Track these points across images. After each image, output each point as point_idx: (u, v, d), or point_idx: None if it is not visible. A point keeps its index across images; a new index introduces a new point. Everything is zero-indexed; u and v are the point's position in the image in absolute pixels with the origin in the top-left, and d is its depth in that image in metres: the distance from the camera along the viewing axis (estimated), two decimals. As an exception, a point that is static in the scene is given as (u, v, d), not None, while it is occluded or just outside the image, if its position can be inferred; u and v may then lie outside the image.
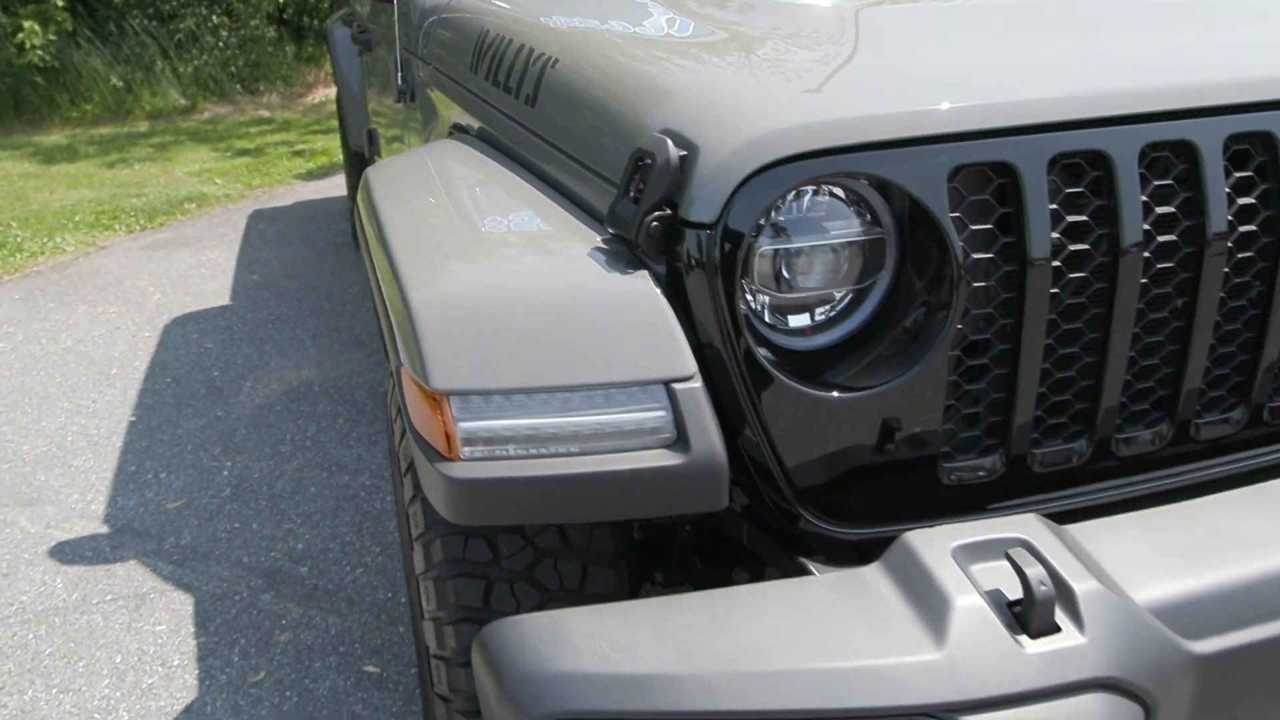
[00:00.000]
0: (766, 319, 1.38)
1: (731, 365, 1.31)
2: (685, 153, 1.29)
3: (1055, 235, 1.35)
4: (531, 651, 1.19)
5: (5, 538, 3.09)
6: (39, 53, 8.33)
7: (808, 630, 1.21)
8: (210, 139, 8.77)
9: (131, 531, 3.10)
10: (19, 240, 5.83)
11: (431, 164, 1.79)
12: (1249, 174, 1.43)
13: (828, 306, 1.41)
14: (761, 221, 1.29)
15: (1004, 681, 1.17)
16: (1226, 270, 1.45)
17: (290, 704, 2.39)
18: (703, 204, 1.26)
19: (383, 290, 1.45)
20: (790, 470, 1.38)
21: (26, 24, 8.17)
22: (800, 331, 1.40)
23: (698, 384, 1.25)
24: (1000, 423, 1.43)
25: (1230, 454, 1.57)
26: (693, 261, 1.27)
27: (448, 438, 1.22)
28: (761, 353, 1.31)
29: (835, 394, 1.34)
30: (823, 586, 1.29)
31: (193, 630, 2.65)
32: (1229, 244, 1.42)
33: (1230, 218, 1.42)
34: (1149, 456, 1.52)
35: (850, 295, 1.40)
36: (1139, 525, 1.38)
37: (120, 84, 8.53)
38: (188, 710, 2.38)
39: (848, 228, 1.34)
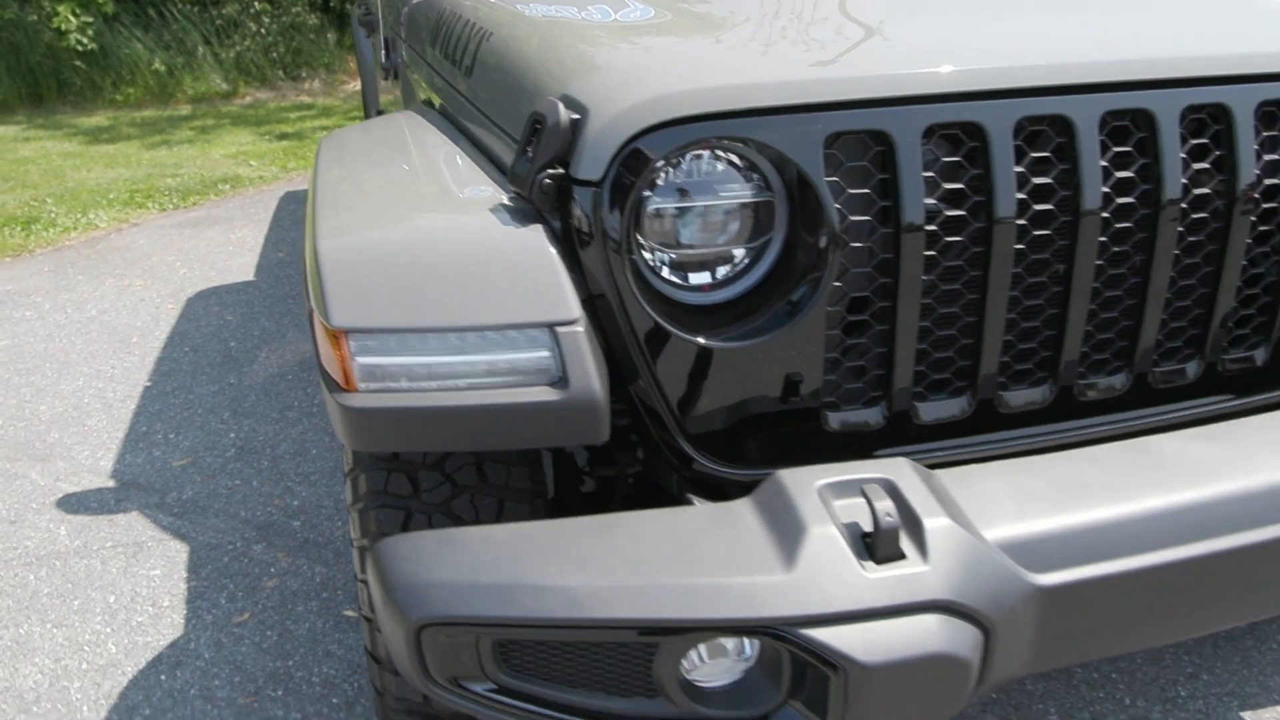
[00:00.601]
0: (666, 274, 1.49)
1: (620, 315, 1.42)
2: (578, 116, 1.41)
3: (931, 201, 1.45)
4: (414, 562, 1.32)
5: (16, 489, 3.29)
6: (76, 36, 8.67)
7: (673, 551, 1.33)
8: (251, 123, 9.04)
9: (136, 486, 3.29)
10: (53, 216, 6.10)
11: (377, 132, 1.93)
12: (1126, 149, 1.51)
13: (728, 265, 1.52)
14: (648, 181, 1.40)
15: (845, 600, 1.27)
16: (1104, 239, 1.53)
17: (270, 642, 2.55)
18: (590, 163, 1.37)
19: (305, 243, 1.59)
20: (680, 415, 1.49)
21: (61, 8, 8.49)
22: (699, 288, 1.51)
23: (580, 328, 1.37)
24: (884, 377, 1.53)
25: (1112, 413, 1.66)
26: (582, 217, 1.39)
27: (346, 372, 1.36)
28: (647, 304, 1.42)
29: (718, 344, 1.45)
30: (696, 515, 1.40)
31: (185, 575, 2.83)
32: (1103, 215, 1.51)
33: (1107, 190, 1.51)
34: (1032, 412, 1.61)
35: (748, 254, 1.51)
36: (1006, 471, 1.48)
37: (162, 69, 8.86)
38: (172, 645, 2.55)
39: (736, 190, 1.45)
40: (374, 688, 1.77)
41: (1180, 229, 1.56)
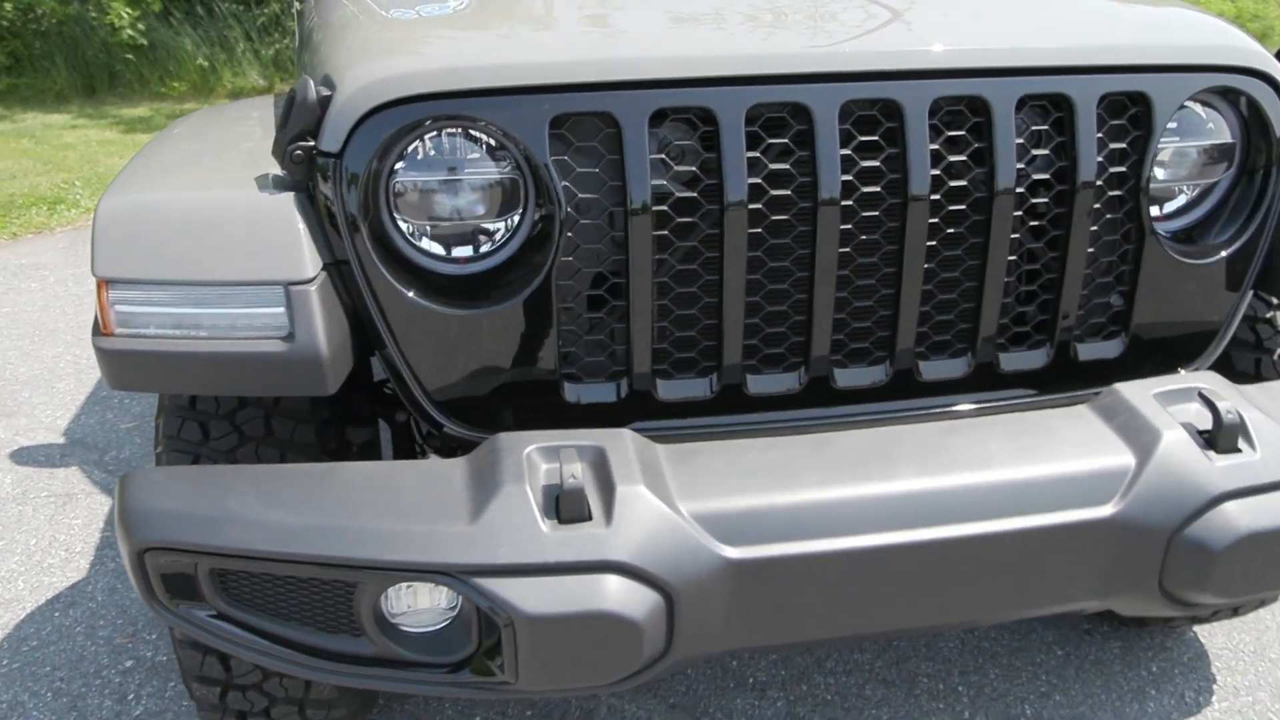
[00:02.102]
0: (426, 245, 1.58)
1: (362, 280, 1.51)
2: (329, 93, 1.50)
3: (661, 182, 1.51)
4: (145, 491, 1.42)
5: (-22, 440, 3.53)
6: (128, 31, 9.14)
7: (377, 498, 1.41)
8: (287, 118, 9.31)
9: (83, 444, 3.49)
10: (78, 197, 6.43)
11: (230, 112, 2.06)
12: (873, 139, 1.55)
13: (489, 239, 1.59)
14: (392, 155, 1.49)
15: (519, 554, 1.34)
16: (849, 228, 1.57)
17: (163, 595, 2.70)
18: (331, 136, 1.47)
19: None
20: (423, 379, 1.58)
21: (115, 4, 8.98)
22: (457, 259, 1.60)
23: (313, 289, 1.47)
24: (623, 353, 1.59)
25: (880, 403, 1.69)
26: (325, 187, 1.49)
27: (105, 317, 1.48)
28: (387, 271, 1.51)
29: (452, 311, 1.53)
30: (414, 468, 1.49)
31: (101, 526, 3.00)
32: (845, 204, 1.54)
33: (849, 178, 1.54)
34: (788, 396, 1.65)
35: (505, 230, 1.58)
36: (731, 450, 1.52)
37: (205, 64, 9.27)
38: (72, 587, 2.72)
39: (481, 167, 1.53)
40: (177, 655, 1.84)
41: (934, 221, 1.59)
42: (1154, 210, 1.77)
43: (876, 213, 1.58)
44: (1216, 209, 1.78)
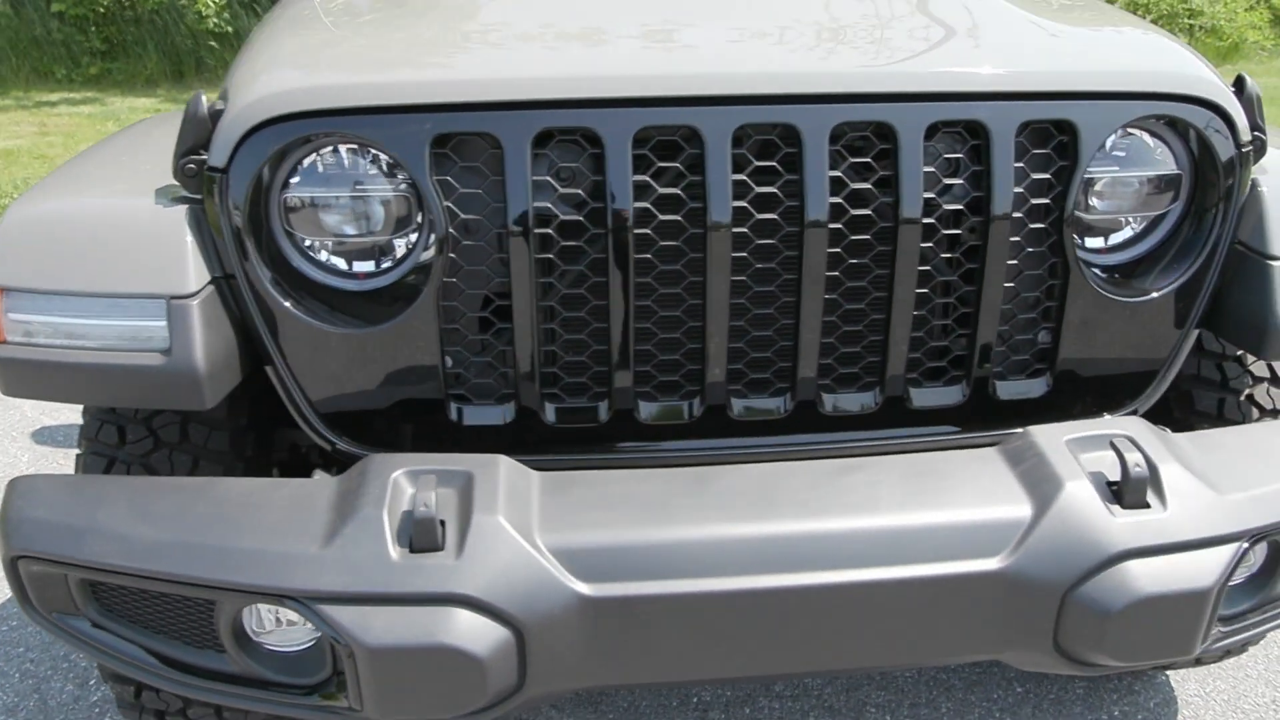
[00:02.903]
0: (324, 259, 1.58)
1: (248, 294, 1.52)
2: (221, 107, 1.51)
3: (545, 204, 1.48)
4: (26, 499, 1.45)
5: (8, 418, 3.69)
6: (214, 20, 9.47)
7: (241, 516, 1.42)
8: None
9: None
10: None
11: (171, 118, 2.09)
12: (770, 164, 1.49)
13: (388, 256, 1.59)
14: (281, 171, 1.49)
15: (364, 582, 1.33)
16: (743, 255, 1.51)
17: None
18: (218, 152, 1.47)
19: None
20: (312, 396, 1.58)
21: (201, -3, 9.39)
22: (351, 275, 1.59)
23: (194, 303, 1.48)
24: (510, 375, 1.57)
25: (781, 435, 1.63)
26: (215, 201, 1.50)
27: (0, 325, 1.51)
28: (272, 286, 1.51)
29: (333, 329, 1.52)
30: (285, 488, 1.49)
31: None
32: (735, 230, 1.49)
33: (742, 204, 1.49)
34: (677, 426, 1.61)
35: (407, 246, 1.56)
36: (608, 482, 1.49)
37: (282, 50, 9.61)
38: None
39: (372, 184, 1.52)
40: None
41: (836, 250, 1.52)
42: (1097, 243, 1.67)
43: (773, 240, 1.52)
44: (1164, 243, 1.67)
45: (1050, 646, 1.45)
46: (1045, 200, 1.56)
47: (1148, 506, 1.43)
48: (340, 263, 1.57)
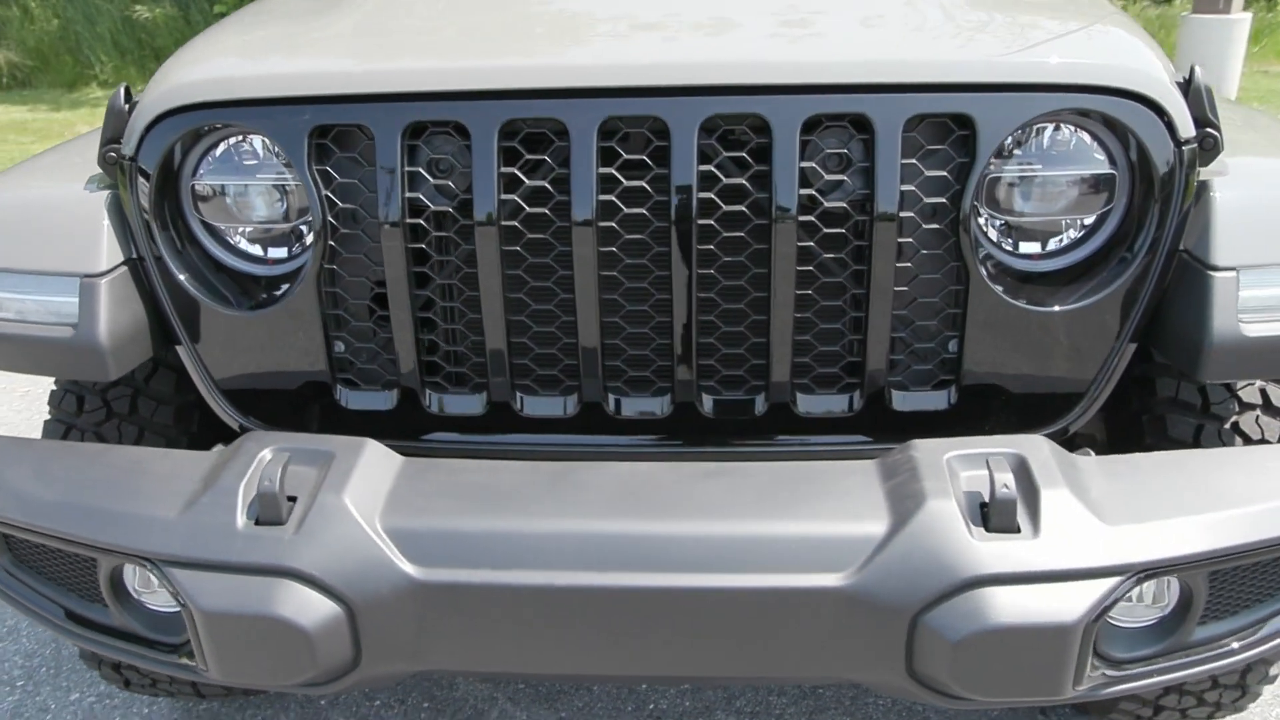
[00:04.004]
0: (235, 244, 1.66)
1: (157, 275, 1.62)
2: (138, 100, 1.62)
3: (415, 195, 1.50)
4: (-45, 457, 1.60)
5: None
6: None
7: (127, 482, 1.51)
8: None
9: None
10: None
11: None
12: (639, 157, 1.46)
13: (298, 242, 1.66)
14: (184, 157, 1.58)
15: (210, 550, 1.39)
16: (612, 250, 1.49)
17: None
18: (129, 141, 1.58)
19: None
20: (216, 375, 1.66)
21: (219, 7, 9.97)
22: (261, 260, 1.67)
23: (103, 281, 1.58)
24: (394, 362, 1.60)
25: (656, 435, 1.60)
26: (126, 188, 1.60)
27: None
28: (177, 268, 1.60)
29: (225, 311, 1.60)
30: (171, 458, 1.57)
31: None
32: (603, 225, 1.47)
33: (609, 198, 1.47)
34: (564, 420, 1.60)
35: (310, 233, 1.62)
36: (466, 470, 1.50)
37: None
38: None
39: (267, 173, 1.59)
40: None
41: (709, 248, 1.48)
42: (1033, 248, 1.56)
43: (642, 235, 1.49)
44: (1100, 250, 1.54)
45: (904, 673, 1.36)
46: (942, 199, 1.46)
47: (1016, 531, 1.32)
48: (250, 247, 1.65)
